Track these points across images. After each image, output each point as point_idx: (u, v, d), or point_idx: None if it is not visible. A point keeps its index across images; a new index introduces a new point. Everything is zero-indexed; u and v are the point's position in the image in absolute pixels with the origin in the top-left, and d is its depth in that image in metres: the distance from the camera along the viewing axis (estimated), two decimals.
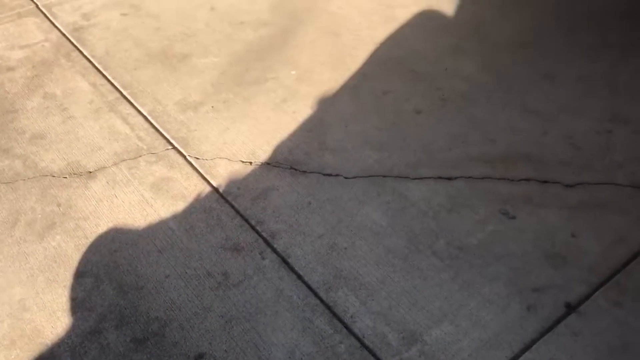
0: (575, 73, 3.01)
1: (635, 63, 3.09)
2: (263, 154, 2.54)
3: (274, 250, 2.13)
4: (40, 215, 2.26)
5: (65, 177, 2.42)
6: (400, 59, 3.12)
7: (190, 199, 2.33)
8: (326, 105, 2.82)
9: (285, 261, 2.09)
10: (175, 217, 2.26)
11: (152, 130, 2.66)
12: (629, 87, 2.93)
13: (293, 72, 3.02)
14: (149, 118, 2.72)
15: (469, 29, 3.35)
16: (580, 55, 3.14)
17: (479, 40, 3.26)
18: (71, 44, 3.18)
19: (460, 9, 3.52)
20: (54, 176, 2.43)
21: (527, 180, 2.42)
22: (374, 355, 1.84)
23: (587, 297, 2.00)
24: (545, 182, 2.41)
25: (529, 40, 3.26)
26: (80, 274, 2.06)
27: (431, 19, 3.46)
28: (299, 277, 2.05)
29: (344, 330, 1.89)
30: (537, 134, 2.65)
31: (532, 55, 3.15)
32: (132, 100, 2.81)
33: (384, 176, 2.44)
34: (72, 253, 2.13)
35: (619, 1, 3.63)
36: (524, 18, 3.45)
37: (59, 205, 2.31)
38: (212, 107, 2.79)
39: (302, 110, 2.78)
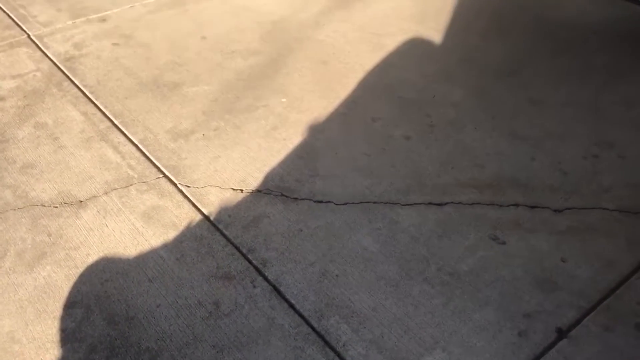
0: (561, 98, 3.06)
1: (618, 87, 3.15)
2: (254, 181, 2.55)
3: (265, 279, 2.13)
4: (30, 246, 2.25)
5: (56, 207, 2.42)
6: (388, 86, 3.17)
7: (181, 227, 2.33)
8: (316, 132, 2.85)
9: (276, 289, 2.09)
10: (166, 246, 2.25)
11: (143, 158, 2.67)
12: (613, 112, 2.99)
13: (283, 100, 3.05)
14: (140, 147, 2.73)
15: (455, 57, 3.41)
16: (564, 81, 3.20)
17: (466, 68, 3.32)
18: (62, 73, 3.20)
19: (446, 37, 3.59)
20: (44, 206, 2.43)
21: (516, 205, 2.44)
22: None
23: (577, 322, 2.01)
24: (534, 207, 2.44)
25: (514, 67, 3.32)
26: (70, 305, 2.05)
27: (418, 47, 3.52)
28: (291, 305, 2.04)
29: (337, 358, 1.89)
30: (525, 159, 2.68)
31: (517, 81, 3.20)
32: (123, 129, 2.83)
33: (375, 202, 2.46)
34: (62, 283, 2.11)
35: (600, 27, 3.72)
36: (508, 45, 3.52)
37: (49, 235, 2.30)
38: (203, 135, 2.81)
39: (292, 137, 2.80)
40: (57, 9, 3.79)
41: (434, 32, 3.64)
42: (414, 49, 3.50)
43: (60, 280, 2.12)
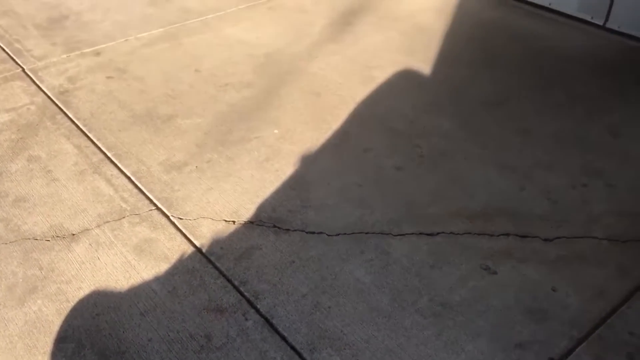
0: (548, 129, 3.11)
1: (604, 117, 3.21)
2: (246, 212, 2.56)
3: (258, 311, 2.12)
4: (21, 280, 2.25)
5: (48, 240, 2.42)
6: (379, 117, 3.21)
7: (173, 260, 2.33)
8: (308, 163, 2.87)
9: (268, 322, 2.09)
10: (158, 279, 2.25)
11: (136, 191, 2.68)
12: (600, 141, 3.04)
13: (276, 131, 3.08)
14: (133, 179, 2.74)
15: (444, 89, 3.47)
16: (552, 111, 3.26)
17: (454, 99, 3.37)
18: (56, 106, 3.23)
19: (435, 69, 3.65)
20: (36, 239, 2.43)
21: (507, 235, 2.46)
22: None
23: (570, 351, 2.01)
24: (525, 236, 2.46)
25: (501, 98, 3.38)
26: (61, 340, 2.04)
27: (408, 79, 3.58)
28: (283, 338, 2.04)
29: None
30: (515, 189, 2.72)
31: (505, 112, 3.26)
32: (116, 162, 2.84)
33: (367, 233, 2.47)
34: (53, 318, 2.10)
35: (586, 57, 3.80)
36: (495, 77, 3.58)
37: (40, 268, 2.30)
38: (196, 167, 2.83)
39: (285, 169, 2.82)
40: (51, 43, 3.84)
41: (423, 64, 3.70)
42: (404, 80, 3.56)
43: (51, 315, 2.11)
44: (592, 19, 4.15)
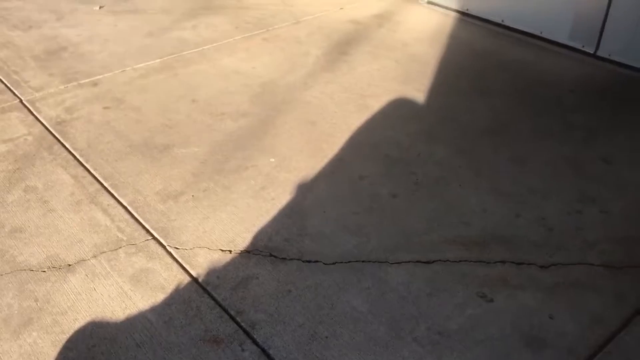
0: (542, 156, 3.14)
1: (597, 144, 3.25)
2: (243, 241, 2.56)
3: (254, 342, 2.11)
4: (16, 312, 2.23)
5: (44, 271, 2.41)
6: (374, 145, 3.24)
7: (169, 290, 2.33)
8: (304, 191, 2.89)
9: (265, 352, 2.08)
10: (155, 310, 2.24)
11: (133, 221, 2.68)
12: (593, 168, 3.06)
13: (272, 160, 3.10)
14: (130, 209, 2.75)
15: (438, 116, 3.50)
16: (545, 139, 3.29)
17: (449, 127, 3.41)
18: (53, 137, 3.25)
19: (429, 97, 3.69)
20: (32, 270, 2.42)
21: (503, 262, 2.47)
22: None
23: None
24: (521, 263, 2.46)
25: (495, 125, 3.41)
26: None
27: (402, 107, 3.61)
28: None
29: None
30: (510, 216, 2.73)
31: (500, 139, 3.29)
32: (112, 192, 2.85)
33: (363, 261, 2.47)
34: (49, 350, 2.09)
35: (577, 85, 3.85)
36: (489, 105, 3.62)
37: (36, 300, 2.28)
38: (193, 196, 2.84)
39: (281, 197, 2.83)
40: (49, 74, 3.88)
41: (417, 92, 3.75)
42: (399, 108, 3.60)
43: (46, 347, 2.10)
44: (583, 47, 4.22)
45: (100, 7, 4.91)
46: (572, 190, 2.90)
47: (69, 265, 2.44)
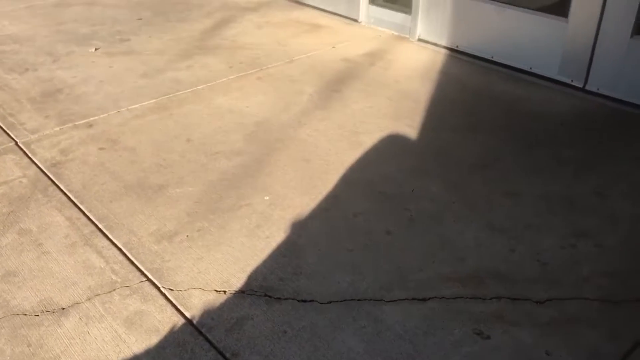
0: (535, 190, 3.16)
1: (589, 178, 3.27)
2: (237, 282, 2.55)
3: None
4: (9, 358, 2.21)
5: (37, 315, 2.39)
6: (368, 181, 3.26)
7: (164, 332, 2.31)
8: (299, 229, 2.89)
9: None
10: (149, 353, 2.22)
11: (127, 262, 2.67)
12: (586, 201, 3.08)
13: (266, 198, 3.11)
14: (124, 250, 2.74)
15: (431, 152, 3.54)
16: (537, 173, 3.32)
17: (442, 162, 3.43)
18: (48, 179, 3.26)
19: (421, 133, 3.73)
20: (25, 314, 2.40)
21: (498, 298, 2.46)
22: None
23: None
24: (516, 299, 2.46)
25: (488, 160, 3.44)
26: None
27: (395, 143, 3.65)
28: None
29: None
30: (505, 251, 2.73)
31: (492, 174, 3.31)
32: (107, 233, 2.85)
33: (359, 300, 2.46)
34: None
35: (567, 118, 3.90)
36: (481, 140, 3.66)
37: (29, 345, 2.26)
38: (187, 236, 2.84)
39: (275, 236, 2.84)
40: (45, 116, 3.91)
41: (409, 128, 3.79)
42: (391, 145, 3.63)
43: None
44: (572, 81, 4.29)
45: (95, 49, 4.98)
46: (566, 224, 2.91)
47: (63, 308, 2.42)
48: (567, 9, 4.19)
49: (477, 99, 4.23)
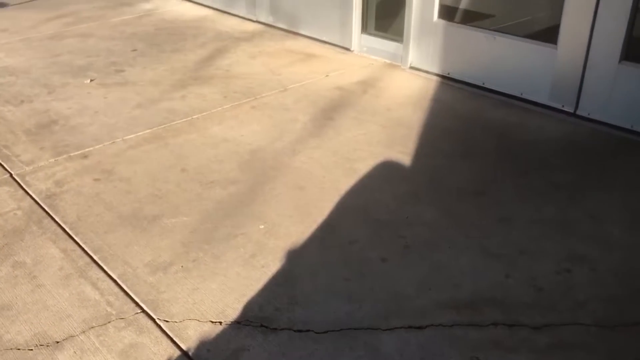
0: (529, 215, 3.18)
1: (582, 202, 3.30)
2: (233, 312, 2.54)
3: None
4: None
5: (31, 349, 2.37)
6: (363, 208, 3.27)
7: None
8: (295, 257, 2.89)
9: None
10: None
11: (122, 294, 2.66)
12: (580, 226, 3.10)
13: (261, 227, 3.12)
14: (119, 282, 2.73)
15: (424, 179, 3.56)
16: (531, 198, 3.34)
17: (435, 189, 3.46)
18: (43, 210, 3.26)
19: (415, 160, 3.76)
20: (19, 349, 2.37)
21: (495, 324, 2.46)
22: None
23: None
24: (513, 325, 2.45)
25: (481, 186, 3.47)
26: None
27: (389, 170, 3.67)
28: None
29: None
30: (500, 277, 2.74)
31: (486, 200, 3.33)
32: (102, 265, 2.84)
33: (355, 329, 2.46)
34: None
35: (559, 144, 3.94)
36: (474, 166, 3.69)
37: None
38: (182, 266, 2.83)
39: (271, 265, 2.84)
40: (40, 148, 3.92)
41: (403, 155, 3.82)
42: (385, 172, 3.66)
43: None
44: (563, 107, 4.34)
45: (91, 80, 5.02)
46: (560, 249, 2.92)
47: (57, 342, 2.40)
48: (556, 36, 4.26)
49: (470, 125, 4.27)
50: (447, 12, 5.00)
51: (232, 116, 4.39)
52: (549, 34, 4.38)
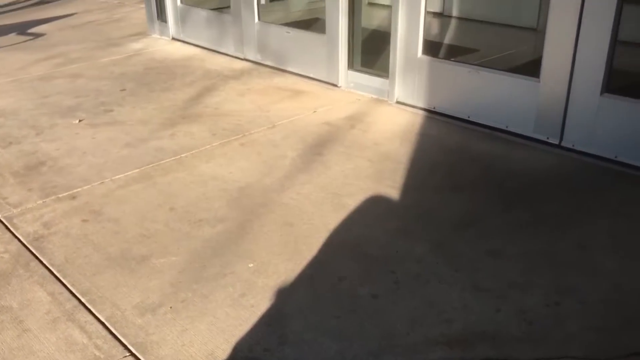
0: (517, 248, 3.20)
1: (570, 233, 3.32)
2: (222, 353, 2.51)
3: None
4: None
5: None
6: (352, 244, 3.27)
7: None
8: (284, 296, 2.87)
9: None
10: None
11: (110, 337, 2.63)
12: (569, 257, 3.11)
13: (250, 265, 3.11)
14: (107, 324, 2.70)
15: (413, 213, 3.57)
16: (519, 231, 3.36)
17: (424, 223, 3.47)
18: (31, 253, 3.23)
19: (403, 194, 3.78)
20: None
21: None
22: None
23: None
24: None
25: (469, 220, 3.48)
26: None
27: (377, 205, 3.69)
28: None
29: None
30: (490, 311, 2.73)
31: (474, 233, 3.35)
32: (90, 307, 2.81)
33: None
34: None
35: (544, 176, 3.98)
36: (462, 200, 3.72)
37: None
38: (171, 307, 2.81)
39: (260, 304, 2.82)
40: (28, 189, 3.92)
41: (392, 189, 3.84)
42: (374, 206, 3.67)
43: None
44: (548, 139, 4.40)
45: (79, 121, 5.04)
46: (549, 281, 2.93)
47: None
48: (539, 69, 4.35)
49: (457, 158, 4.31)
50: (432, 48, 5.10)
51: (221, 154, 4.41)
52: (531, 68, 4.46)
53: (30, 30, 8.44)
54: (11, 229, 3.47)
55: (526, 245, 3.22)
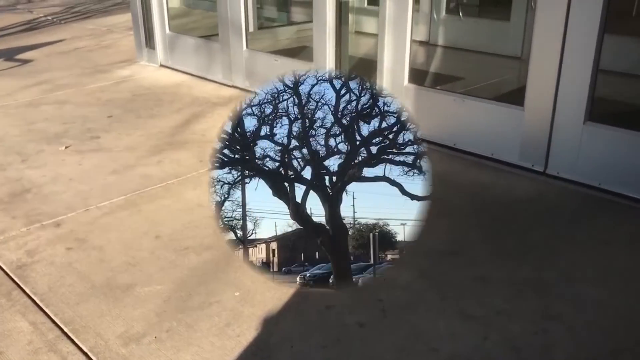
0: (504, 275, 3.20)
1: (555, 261, 3.33)
2: None
3: None
4: None
5: None
6: None
7: None
8: (270, 325, 2.85)
9: None
10: None
11: None
12: (555, 285, 3.12)
13: (236, 294, 3.08)
14: (90, 355, 2.65)
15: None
16: (505, 258, 3.37)
17: (410, 250, 3.46)
18: (13, 282, 3.18)
19: None
20: None
21: None
22: None
23: None
24: None
25: (456, 248, 3.49)
26: None
27: None
28: None
29: None
30: (478, 339, 2.72)
31: (461, 261, 3.35)
32: (73, 337, 2.76)
33: None
34: None
35: (529, 203, 4.01)
36: (447, 228, 3.72)
37: None
38: (156, 337, 2.77)
39: (246, 334, 2.78)
40: (12, 217, 3.87)
41: None
42: None
43: None
44: (533, 166, 4.44)
45: (66, 147, 5.02)
46: (537, 308, 2.93)
47: None
48: (523, 97, 4.41)
49: (443, 186, 4.32)
50: (418, 76, 5.16)
51: (208, 181, 4.39)
52: (516, 97, 4.53)
53: (18, 57, 8.44)
54: None
55: (512, 273, 3.22)
